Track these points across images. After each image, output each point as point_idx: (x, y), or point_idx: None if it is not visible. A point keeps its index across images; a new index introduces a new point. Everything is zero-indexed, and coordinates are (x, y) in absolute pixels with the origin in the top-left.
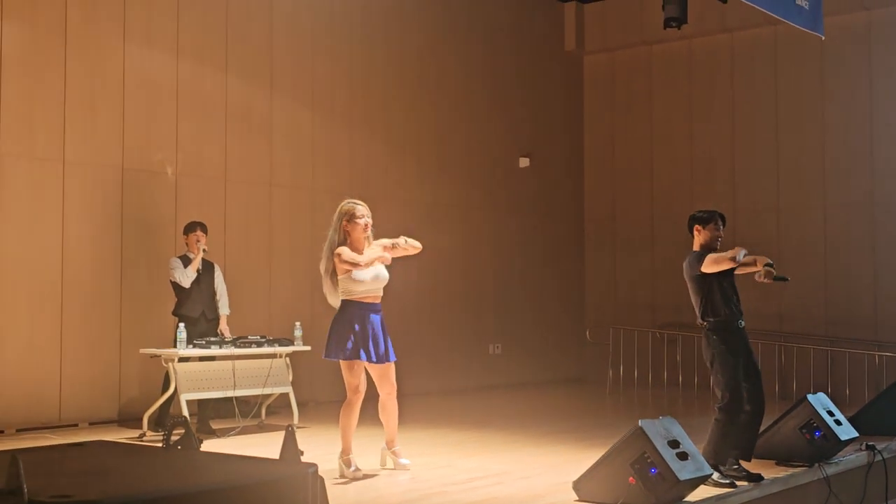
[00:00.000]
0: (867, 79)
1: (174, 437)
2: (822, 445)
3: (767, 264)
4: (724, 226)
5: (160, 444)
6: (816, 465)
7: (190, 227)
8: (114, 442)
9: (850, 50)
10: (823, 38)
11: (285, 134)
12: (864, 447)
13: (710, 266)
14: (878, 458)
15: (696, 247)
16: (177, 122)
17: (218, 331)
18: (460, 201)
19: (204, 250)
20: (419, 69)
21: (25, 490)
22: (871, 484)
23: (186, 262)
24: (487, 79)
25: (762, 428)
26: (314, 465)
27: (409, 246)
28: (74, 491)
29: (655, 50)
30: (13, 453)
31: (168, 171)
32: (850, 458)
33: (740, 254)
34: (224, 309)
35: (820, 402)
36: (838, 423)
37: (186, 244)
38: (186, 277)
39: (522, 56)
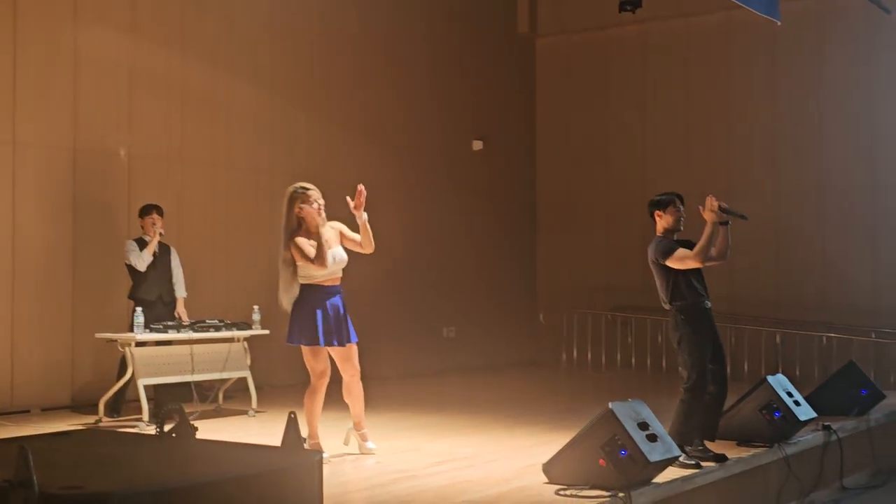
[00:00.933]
0: (819, 65)
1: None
2: (781, 426)
3: (724, 209)
4: (682, 206)
5: (153, 432)
6: (776, 445)
7: (146, 210)
8: (104, 430)
9: (802, 36)
10: (779, 23)
11: (242, 116)
12: (820, 427)
13: (676, 263)
14: (834, 437)
15: (658, 230)
16: (130, 103)
17: (175, 314)
18: (415, 184)
19: (160, 234)
20: (377, 51)
21: (36, 482)
22: (828, 463)
23: (142, 245)
24: (442, 61)
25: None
26: (320, 453)
27: (366, 234)
28: (81, 482)
29: (610, 34)
30: (20, 444)
31: (121, 152)
32: (808, 438)
33: (706, 254)
34: (180, 292)
35: (779, 383)
36: (797, 403)
37: (142, 227)
38: (142, 261)
39: (476, 39)
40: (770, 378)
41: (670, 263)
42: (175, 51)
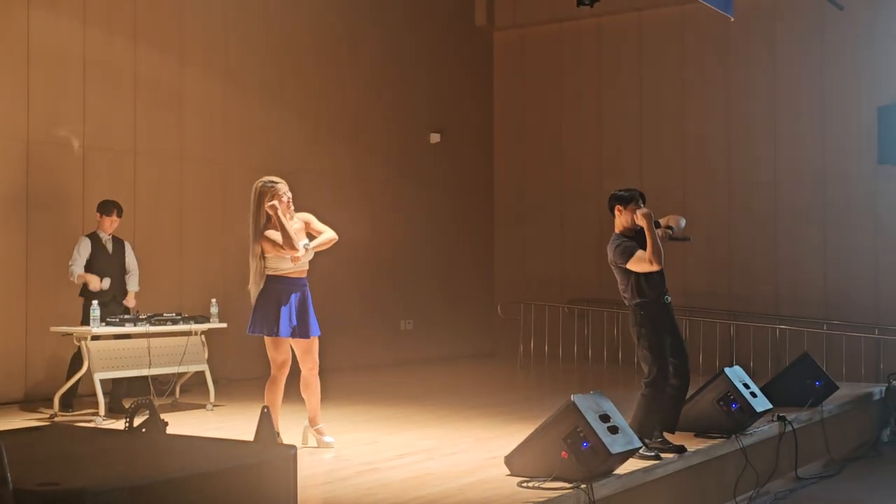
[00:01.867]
0: (771, 59)
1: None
2: (738, 417)
3: (668, 227)
4: (644, 204)
5: (122, 427)
6: (733, 436)
7: (104, 209)
8: (72, 426)
9: (754, 30)
10: (733, 18)
11: (197, 107)
12: (775, 418)
13: (636, 265)
14: (789, 428)
15: (617, 228)
16: (84, 94)
17: (124, 302)
18: (371, 176)
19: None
20: (332, 43)
21: (9, 479)
22: (783, 453)
23: (95, 239)
24: (399, 54)
25: None
26: (294, 447)
27: (319, 246)
28: (57, 478)
29: (565, 27)
30: None
31: (75, 144)
32: (764, 429)
33: (660, 255)
34: (133, 285)
35: (736, 374)
36: (754, 395)
37: (99, 222)
38: (77, 266)
39: (434, 31)
40: (727, 370)
41: (631, 266)
42: (129, 41)
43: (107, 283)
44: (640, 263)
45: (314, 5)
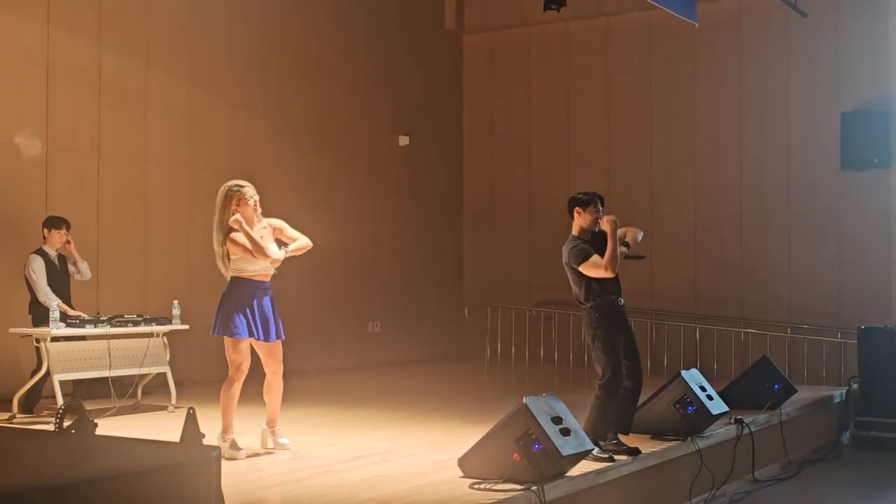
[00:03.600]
0: (737, 65)
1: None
2: (694, 420)
3: (624, 244)
4: (602, 207)
5: (51, 428)
6: (689, 438)
7: (56, 224)
8: (3, 427)
9: (720, 36)
10: (697, 24)
11: (161, 108)
12: (732, 421)
13: (589, 270)
14: (746, 430)
15: (574, 229)
16: (47, 94)
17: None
18: (340, 178)
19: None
20: (299, 45)
21: None
22: (740, 456)
23: (44, 255)
24: (367, 56)
25: (637, 403)
26: (217, 448)
27: (295, 251)
28: None
29: (534, 31)
30: None
31: (38, 145)
32: (721, 432)
33: (616, 263)
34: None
35: (693, 377)
36: (710, 398)
37: (45, 238)
38: (49, 298)
39: (403, 34)
40: (684, 373)
41: (584, 270)
42: (92, 42)
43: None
44: (596, 269)
45: (281, 8)
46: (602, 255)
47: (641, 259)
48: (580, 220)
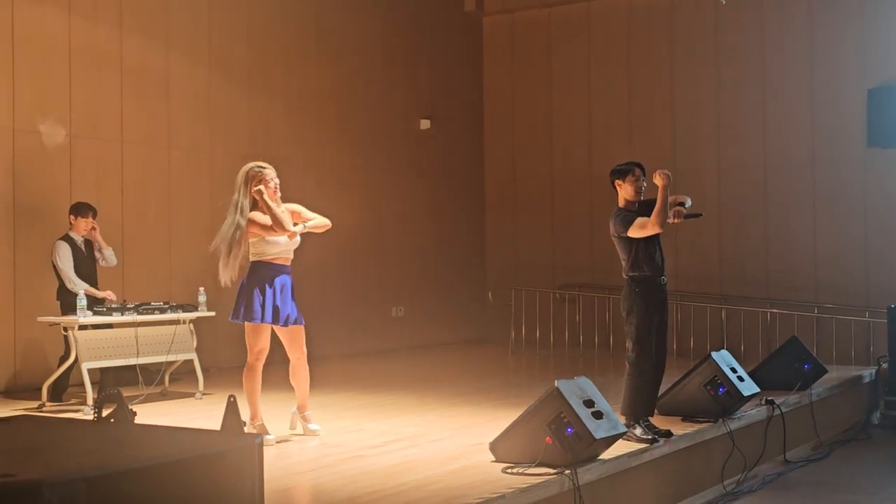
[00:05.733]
0: (760, 42)
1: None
2: (725, 401)
3: (679, 204)
4: (644, 174)
5: (85, 417)
6: (720, 420)
7: (82, 211)
8: (41, 416)
9: (743, 14)
10: (724, 2)
11: (183, 95)
12: (763, 402)
13: (636, 231)
14: (777, 412)
15: (620, 202)
16: (70, 82)
17: (103, 296)
18: (361, 163)
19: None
20: (319, 29)
21: None
22: (771, 437)
23: (70, 242)
24: (388, 40)
25: (667, 385)
26: (260, 436)
27: (314, 227)
28: (15, 469)
29: (554, 11)
30: None
31: (62, 132)
32: (752, 413)
33: (663, 218)
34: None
35: (723, 358)
36: (741, 379)
37: (72, 224)
38: (76, 284)
39: (422, 17)
40: (714, 354)
41: (631, 233)
42: (114, 28)
43: (111, 294)
44: (643, 228)
45: None
46: (645, 247)
47: (699, 217)
48: (623, 192)
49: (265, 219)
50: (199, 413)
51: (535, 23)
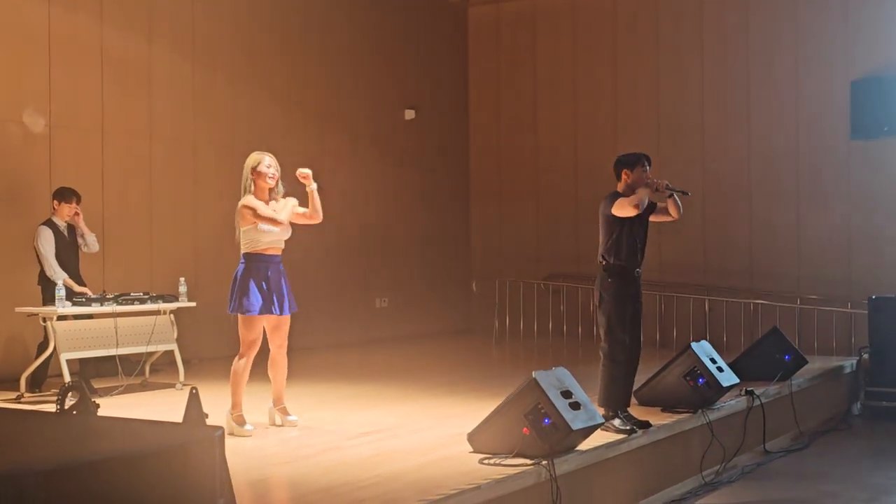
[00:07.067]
0: (745, 33)
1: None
2: (704, 392)
3: (667, 186)
4: (650, 166)
5: (53, 409)
6: (700, 411)
7: (66, 196)
8: (3, 408)
9: (728, 5)
10: None
11: (165, 85)
12: (743, 392)
13: (618, 209)
14: (757, 402)
15: (619, 188)
16: (49, 71)
17: (78, 290)
18: (345, 153)
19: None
20: (304, 20)
21: None
22: (750, 427)
23: (53, 227)
24: (373, 30)
25: (647, 376)
26: (220, 429)
27: (312, 211)
28: None
29: (539, 2)
30: None
31: (41, 122)
32: (731, 404)
33: (644, 199)
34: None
35: (703, 349)
36: (720, 369)
37: (55, 209)
38: (55, 273)
39: (407, 7)
40: (694, 345)
41: (615, 211)
42: (94, 18)
43: (89, 293)
44: (623, 207)
45: None
46: (629, 233)
47: (686, 195)
48: (627, 181)
49: (256, 203)
50: (178, 404)
51: (521, 13)
